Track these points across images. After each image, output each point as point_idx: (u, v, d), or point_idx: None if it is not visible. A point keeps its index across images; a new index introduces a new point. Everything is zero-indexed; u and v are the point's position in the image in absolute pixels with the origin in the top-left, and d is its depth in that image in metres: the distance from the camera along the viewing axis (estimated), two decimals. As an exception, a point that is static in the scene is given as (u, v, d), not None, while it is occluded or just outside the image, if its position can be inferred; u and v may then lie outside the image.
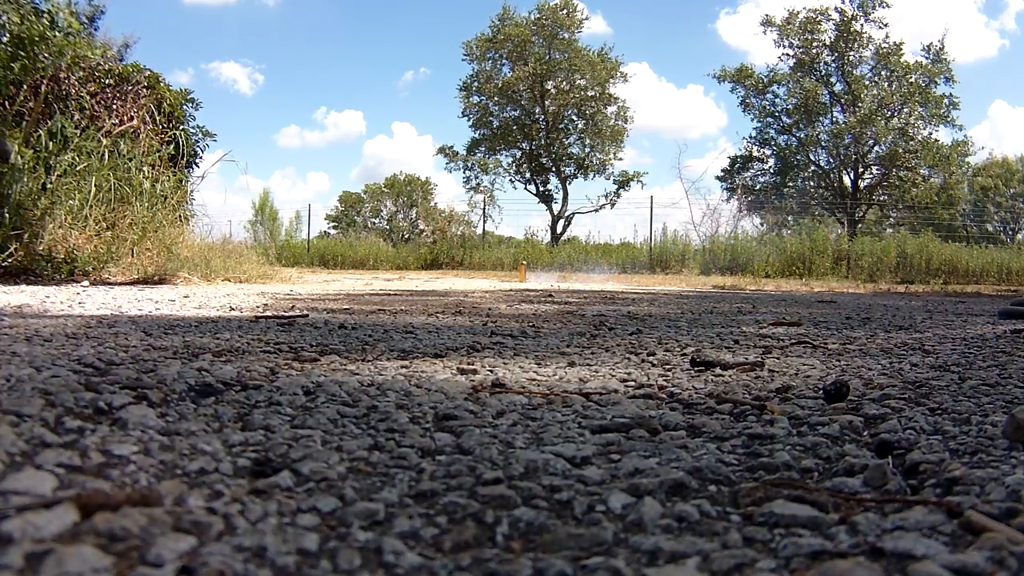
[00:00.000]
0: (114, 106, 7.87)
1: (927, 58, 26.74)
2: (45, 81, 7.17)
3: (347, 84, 64.13)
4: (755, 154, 29.62)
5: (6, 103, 6.89)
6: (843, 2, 27.07)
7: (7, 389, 1.33)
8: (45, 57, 6.98)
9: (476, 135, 32.52)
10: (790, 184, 29.38)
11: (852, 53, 27.33)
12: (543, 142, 31.81)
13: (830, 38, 27.42)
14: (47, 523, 0.69)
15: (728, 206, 24.89)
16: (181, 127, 8.96)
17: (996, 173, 35.08)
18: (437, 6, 62.11)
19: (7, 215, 6.07)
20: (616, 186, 31.37)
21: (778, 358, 2.33)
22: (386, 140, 68.79)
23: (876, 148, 27.11)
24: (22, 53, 6.62)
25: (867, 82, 27.25)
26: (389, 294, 6.59)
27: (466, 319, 3.71)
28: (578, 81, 31.25)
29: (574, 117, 32.05)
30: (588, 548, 0.73)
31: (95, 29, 8.02)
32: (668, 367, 2.08)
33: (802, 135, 28.18)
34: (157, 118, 8.25)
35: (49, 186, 6.45)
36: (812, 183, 29.60)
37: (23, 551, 0.63)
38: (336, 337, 2.64)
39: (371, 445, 1.09)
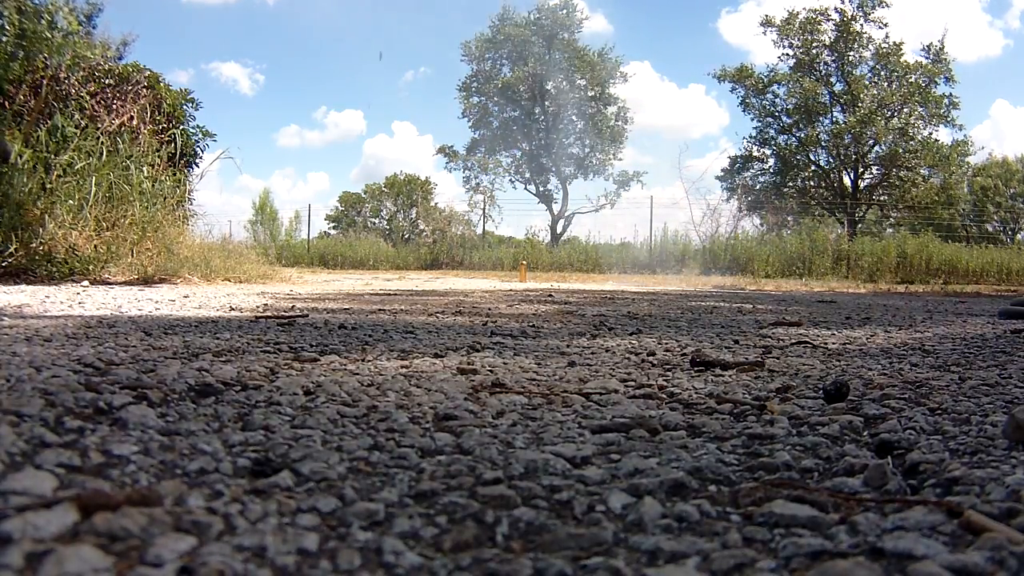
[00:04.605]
0: (114, 106, 7.87)
1: (927, 58, 26.73)
2: (45, 81, 7.17)
3: (347, 84, 64.06)
4: (755, 154, 29.58)
5: (6, 102, 6.89)
6: (843, 2, 27.07)
7: (7, 389, 1.33)
8: (45, 57, 6.98)
9: (476, 135, 32.55)
10: (790, 184, 29.35)
11: (852, 53, 27.31)
12: (543, 142, 31.81)
13: (830, 38, 27.40)
14: (47, 523, 0.69)
15: (728, 206, 24.85)
16: (181, 127, 8.97)
17: (996, 173, 35.04)
18: (437, 6, 62.06)
19: (7, 215, 6.07)
20: (616, 186, 31.40)
21: (778, 358, 2.33)
22: (386, 140, 68.59)
23: (876, 148, 27.09)
24: (22, 53, 6.62)
25: (867, 82, 27.22)
26: (389, 294, 6.59)
27: (466, 319, 3.71)
28: (578, 81, 31.25)
29: (574, 117, 32.05)
30: (588, 548, 0.73)
31: (93, 27, 8.01)
32: (668, 367, 2.08)
33: (802, 135, 28.15)
34: (157, 118, 8.25)
35: (49, 186, 6.45)
36: (812, 183, 29.56)
37: (23, 551, 0.63)
38: (336, 337, 2.64)
39: (371, 445, 1.09)
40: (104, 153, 6.97)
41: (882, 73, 27.36)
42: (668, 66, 62.76)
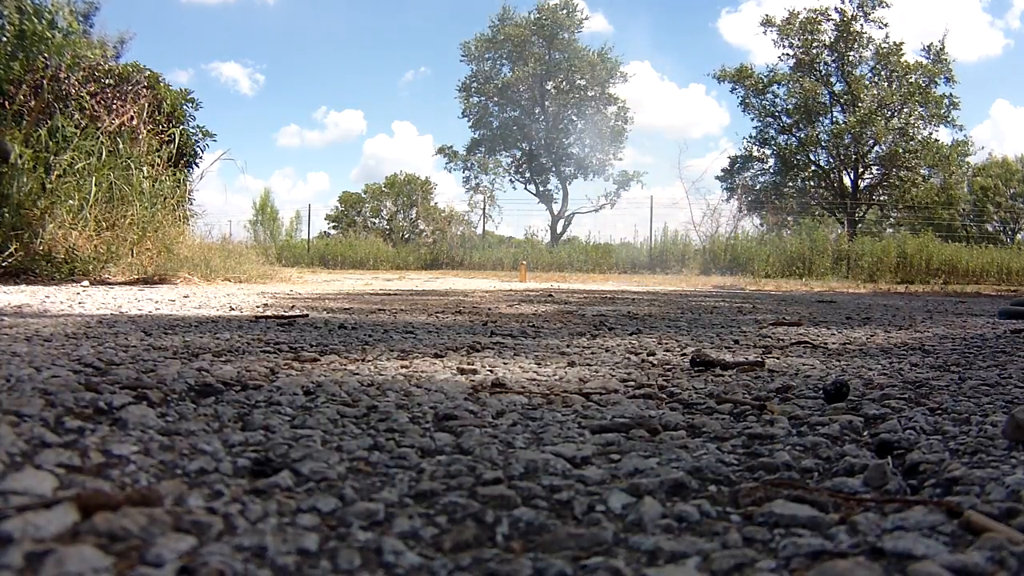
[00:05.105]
0: (114, 106, 7.87)
1: (927, 58, 26.74)
2: (45, 81, 7.17)
3: (347, 84, 64.04)
4: (755, 154, 29.60)
5: (6, 102, 6.89)
6: (843, 2, 27.07)
7: (7, 389, 1.33)
8: (45, 57, 6.98)
9: (476, 135, 32.55)
10: (790, 184, 29.35)
11: (852, 53, 27.31)
12: (543, 142, 31.81)
13: (830, 38, 27.41)
14: (47, 523, 0.69)
15: (728, 206, 24.91)
16: (181, 127, 8.97)
17: (996, 173, 35.01)
18: (437, 6, 62.08)
19: (7, 215, 6.08)
20: (616, 186, 31.42)
21: (778, 358, 2.33)
22: (386, 139, 68.51)
23: (876, 148, 27.09)
24: (22, 53, 6.62)
25: (867, 82, 27.23)
26: (389, 294, 6.59)
27: (466, 319, 3.71)
28: (578, 81, 31.26)
29: (574, 117, 32.06)
30: (588, 548, 0.73)
31: (90, 26, 8.04)
32: (668, 367, 2.08)
33: (802, 135, 28.15)
34: (157, 118, 8.25)
35: (49, 186, 6.45)
36: (812, 183, 29.57)
37: (23, 551, 0.63)
38: (336, 337, 2.64)
39: (371, 445, 1.09)
40: (104, 153, 6.97)
41: (882, 73, 27.37)
42: (668, 66, 62.79)
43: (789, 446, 1.15)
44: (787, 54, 28.21)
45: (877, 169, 27.94)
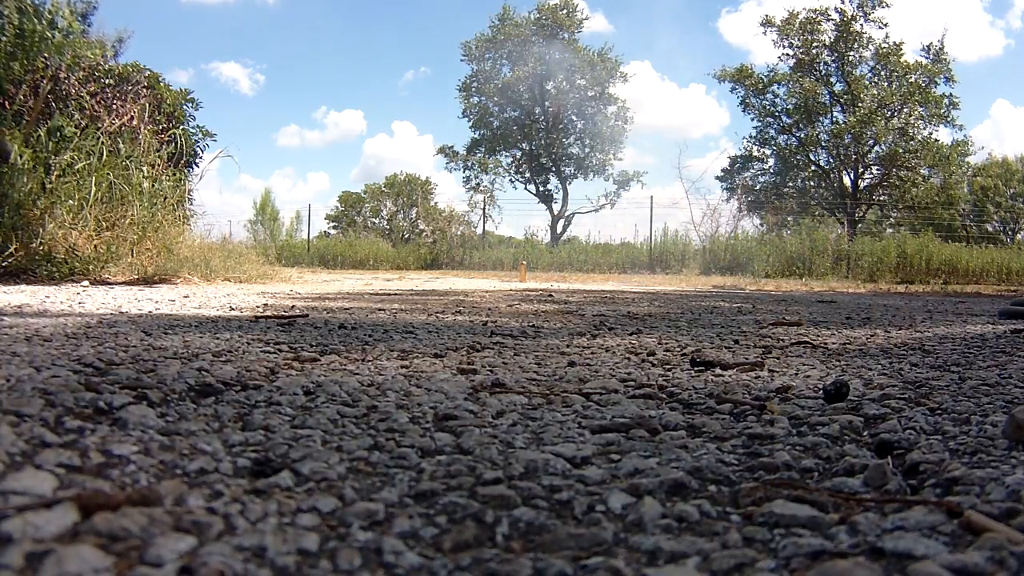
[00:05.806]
0: (114, 106, 7.87)
1: (927, 58, 26.74)
2: (45, 81, 7.17)
3: (347, 83, 64.07)
4: (755, 154, 29.60)
5: (6, 102, 6.89)
6: (843, 2, 27.06)
7: (7, 389, 1.33)
8: (45, 57, 6.98)
9: (476, 135, 32.54)
10: (790, 184, 29.35)
11: (852, 53, 27.31)
12: (543, 142, 31.80)
13: (830, 38, 27.40)
14: (47, 523, 0.69)
15: (728, 206, 24.94)
16: (181, 127, 8.96)
17: (996, 173, 34.98)
18: (437, 6, 62.10)
19: (7, 215, 6.07)
20: (616, 186, 31.40)
21: (778, 358, 2.33)
22: (386, 139, 68.50)
23: (876, 148, 27.08)
24: (22, 52, 6.62)
25: (867, 82, 27.22)
26: (389, 294, 6.59)
27: (466, 319, 3.71)
28: (578, 81, 31.25)
29: (574, 117, 32.05)
30: (588, 548, 0.73)
31: (88, 25, 8.05)
32: (668, 367, 2.08)
33: (802, 135, 28.15)
34: (157, 118, 8.25)
35: (49, 186, 6.45)
36: (812, 183, 29.57)
37: (23, 551, 0.63)
38: (336, 337, 2.64)
39: (371, 445, 1.09)
40: (104, 153, 6.97)
41: (882, 73, 27.35)
42: (668, 66, 62.74)
43: (789, 446, 1.15)
44: (787, 54, 28.20)
45: (877, 169, 27.93)
